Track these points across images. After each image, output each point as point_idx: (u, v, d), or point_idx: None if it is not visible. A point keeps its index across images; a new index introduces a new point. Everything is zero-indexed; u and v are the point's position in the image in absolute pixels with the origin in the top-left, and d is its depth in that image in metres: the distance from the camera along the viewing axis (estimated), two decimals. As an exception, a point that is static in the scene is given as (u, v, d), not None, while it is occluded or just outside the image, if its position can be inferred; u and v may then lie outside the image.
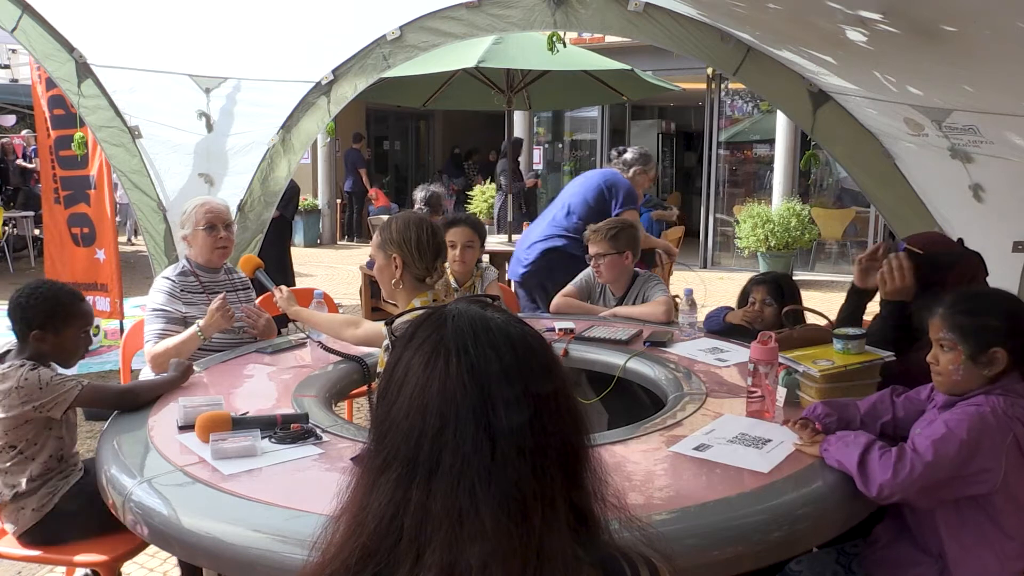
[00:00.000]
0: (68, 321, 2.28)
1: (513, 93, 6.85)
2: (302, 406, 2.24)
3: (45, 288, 2.31)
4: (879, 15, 2.59)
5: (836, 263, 10.91)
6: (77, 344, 2.33)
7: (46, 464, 2.24)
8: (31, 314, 2.25)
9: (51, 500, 2.23)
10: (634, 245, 3.47)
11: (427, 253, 2.32)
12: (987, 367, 1.79)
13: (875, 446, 1.75)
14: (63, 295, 2.32)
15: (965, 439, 1.70)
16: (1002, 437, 1.72)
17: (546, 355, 0.93)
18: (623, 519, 0.94)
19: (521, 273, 4.52)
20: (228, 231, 3.11)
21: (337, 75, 4.39)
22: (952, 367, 1.82)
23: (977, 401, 1.78)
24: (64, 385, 2.17)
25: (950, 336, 1.82)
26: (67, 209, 5.30)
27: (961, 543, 1.78)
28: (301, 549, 1.35)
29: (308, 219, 13.34)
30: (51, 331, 2.25)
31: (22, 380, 2.14)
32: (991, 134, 3.16)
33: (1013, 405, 1.75)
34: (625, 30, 3.84)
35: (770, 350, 2.13)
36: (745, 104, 11.91)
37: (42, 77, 5.10)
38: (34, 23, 3.77)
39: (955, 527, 1.78)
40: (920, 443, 1.72)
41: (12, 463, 2.21)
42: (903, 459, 1.69)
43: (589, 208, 4.44)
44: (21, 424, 2.19)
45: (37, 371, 2.16)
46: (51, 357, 2.28)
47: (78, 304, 2.33)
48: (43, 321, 2.24)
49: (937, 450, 1.69)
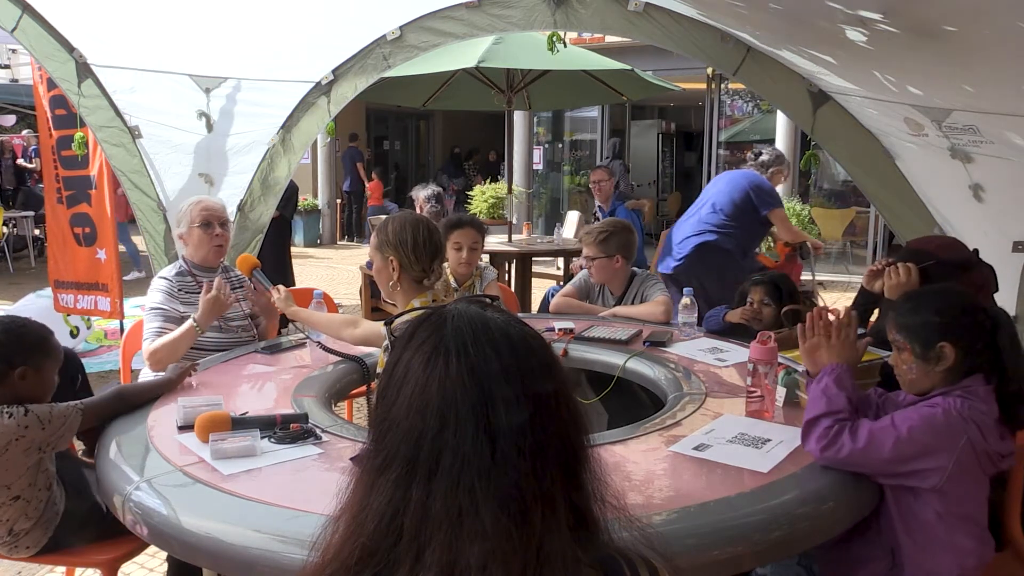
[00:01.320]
0: (50, 355, 2.14)
1: (513, 93, 6.85)
2: (302, 406, 2.24)
3: (19, 324, 2.14)
4: (879, 15, 2.59)
5: (836, 263, 10.91)
6: (53, 381, 2.16)
7: (43, 495, 2.10)
8: (11, 351, 2.05)
9: (44, 536, 2.12)
10: (624, 249, 3.47)
11: (424, 255, 2.30)
12: (936, 363, 1.83)
13: (832, 417, 1.79)
14: (41, 329, 2.15)
15: (904, 437, 1.73)
16: (952, 438, 1.74)
17: (546, 355, 0.93)
18: (623, 519, 0.94)
19: (673, 267, 4.74)
20: (224, 228, 3.11)
21: (337, 75, 4.38)
22: (906, 366, 1.88)
23: (933, 402, 1.81)
24: (65, 415, 2.03)
25: (899, 336, 1.89)
26: (69, 209, 5.29)
27: (915, 540, 1.80)
28: (301, 549, 1.35)
29: (308, 219, 13.36)
30: (33, 367, 2.08)
31: (22, 429, 1.97)
32: (991, 134, 3.16)
33: (971, 408, 1.77)
34: (625, 30, 3.83)
35: (770, 350, 2.13)
36: (745, 104, 11.92)
37: (44, 77, 5.09)
38: (34, 23, 3.77)
39: (908, 523, 1.80)
40: (861, 429, 1.76)
41: (12, 516, 2.07)
42: (839, 438, 1.75)
43: (735, 207, 4.69)
44: (24, 472, 2.04)
45: (32, 412, 1.99)
46: (27, 398, 2.05)
47: (52, 339, 2.17)
48: (26, 357, 2.07)
49: (871, 440, 1.73)
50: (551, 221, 12.30)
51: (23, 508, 2.07)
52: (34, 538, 2.12)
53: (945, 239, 2.76)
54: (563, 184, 14.03)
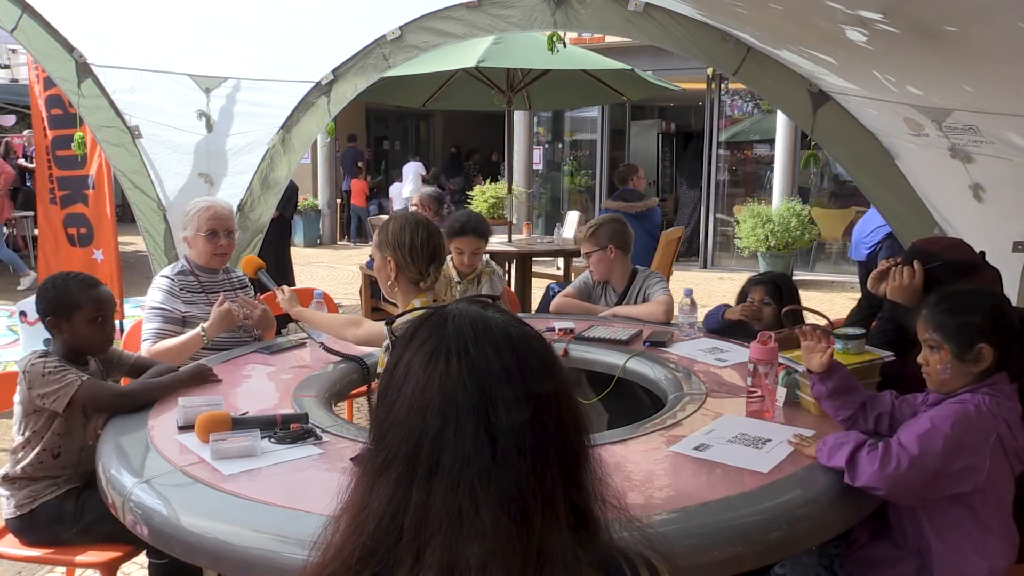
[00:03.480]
0: (74, 309, 2.29)
1: (513, 93, 6.85)
2: (302, 406, 2.24)
3: (57, 279, 2.35)
4: (879, 15, 2.59)
5: (836, 263, 10.91)
6: (91, 332, 2.32)
7: (39, 457, 2.24)
8: (42, 305, 2.31)
9: (31, 503, 2.24)
10: (616, 238, 3.50)
11: (420, 258, 2.30)
12: (974, 364, 1.82)
13: (865, 444, 1.76)
14: (70, 283, 2.33)
15: (949, 434, 1.71)
16: (985, 435, 1.74)
17: (546, 355, 0.93)
18: (623, 519, 0.94)
19: (866, 253, 5.28)
20: (229, 238, 3.11)
21: (337, 75, 4.38)
22: (940, 366, 1.86)
23: (962, 398, 1.80)
24: (64, 378, 2.18)
25: (935, 336, 1.86)
26: (63, 209, 5.28)
27: (944, 540, 1.79)
28: (301, 549, 1.35)
29: (308, 219, 13.35)
30: (63, 319, 2.29)
31: (28, 366, 2.20)
32: (991, 134, 3.15)
33: (999, 404, 1.77)
34: (625, 30, 3.84)
35: (770, 350, 2.13)
36: (745, 104, 11.91)
37: (40, 77, 5.09)
38: (34, 23, 3.77)
39: (938, 525, 1.79)
40: (905, 438, 1.74)
41: (18, 443, 2.28)
42: (889, 452, 1.72)
43: None
44: (31, 412, 2.24)
45: (43, 360, 2.21)
46: (76, 348, 2.32)
47: (85, 291, 2.32)
48: (52, 310, 2.29)
49: (922, 444, 1.71)
50: (551, 221, 12.30)
51: (27, 451, 2.26)
52: (21, 497, 2.25)
53: (951, 240, 2.75)
54: (563, 184, 14.03)
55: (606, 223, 3.55)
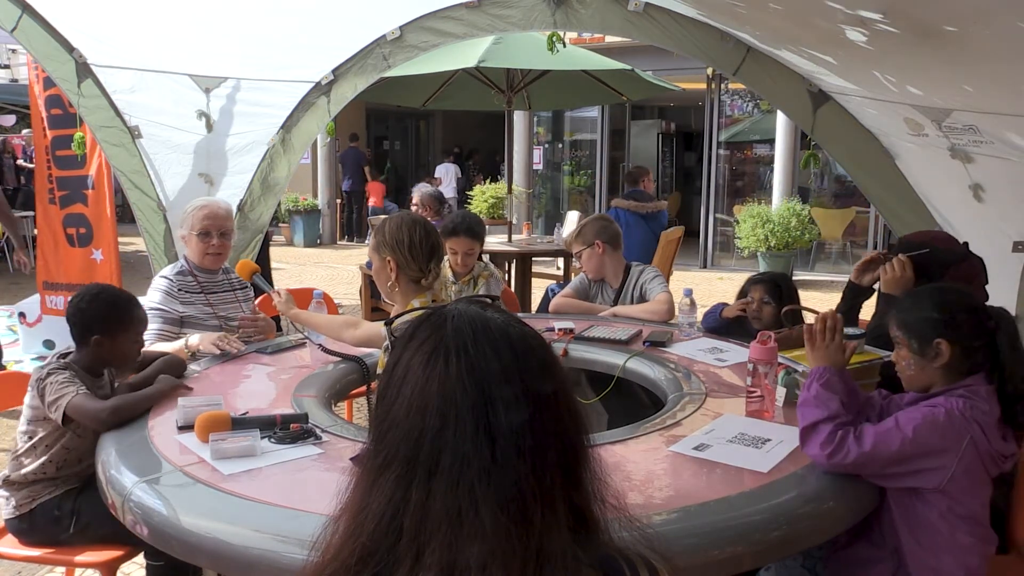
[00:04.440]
0: (125, 326, 2.31)
1: (513, 93, 6.85)
2: (302, 406, 2.24)
3: (105, 293, 2.35)
4: (879, 15, 2.59)
5: (836, 263, 10.91)
6: (132, 350, 2.36)
7: (43, 468, 2.23)
8: (90, 319, 2.27)
9: (30, 503, 2.24)
10: (603, 234, 3.53)
11: (420, 255, 2.31)
12: (934, 359, 1.84)
13: (833, 422, 1.77)
14: (121, 301, 2.35)
15: (909, 437, 1.73)
16: (956, 438, 1.74)
17: (545, 355, 0.93)
18: (623, 519, 0.94)
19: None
20: (223, 239, 3.08)
21: (337, 75, 4.39)
22: (904, 363, 1.90)
23: (935, 402, 1.81)
24: (63, 390, 2.14)
25: (899, 333, 1.91)
26: (62, 209, 5.25)
27: (918, 540, 1.80)
28: (301, 549, 1.34)
29: (308, 219, 13.35)
30: (108, 336, 2.27)
31: (43, 373, 2.19)
32: (991, 134, 3.15)
33: (973, 408, 1.77)
34: (625, 30, 3.84)
35: (769, 350, 2.13)
36: (745, 104, 11.92)
37: (39, 77, 5.07)
38: (34, 23, 3.77)
39: (911, 524, 1.80)
40: (866, 432, 1.75)
41: (23, 449, 2.26)
42: (844, 443, 1.74)
43: None
44: (41, 419, 2.23)
45: (57, 371, 2.19)
46: (108, 362, 2.33)
47: (134, 310, 2.35)
48: (102, 326, 2.27)
49: (877, 443, 1.73)
50: (551, 221, 12.31)
51: (32, 456, 2.26)
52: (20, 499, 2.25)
53: (937, 232, 2.79)
54: (563, 184, 14.03)
55: (591, 221, 3.60)
